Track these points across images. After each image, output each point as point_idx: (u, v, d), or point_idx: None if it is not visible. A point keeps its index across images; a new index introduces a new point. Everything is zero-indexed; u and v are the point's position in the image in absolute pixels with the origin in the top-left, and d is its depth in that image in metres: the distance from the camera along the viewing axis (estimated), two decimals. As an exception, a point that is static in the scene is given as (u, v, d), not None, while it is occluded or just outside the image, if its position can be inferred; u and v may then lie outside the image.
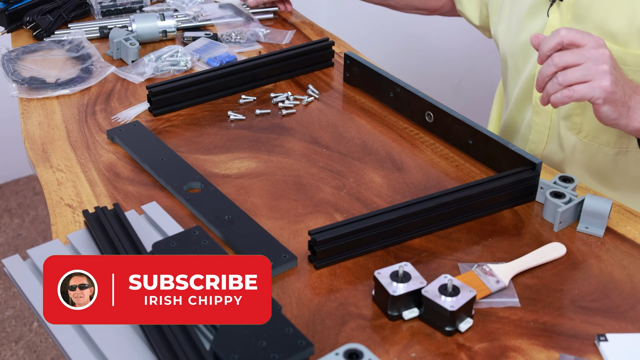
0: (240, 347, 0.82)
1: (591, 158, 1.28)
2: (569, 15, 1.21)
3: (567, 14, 1.21)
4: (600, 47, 0.99)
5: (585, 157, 1.28)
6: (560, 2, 1.21)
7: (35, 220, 2.56)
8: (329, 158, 1.21)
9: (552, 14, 1.23)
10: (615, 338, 0.88)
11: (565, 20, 1.22)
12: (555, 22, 1.23)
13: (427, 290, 0.90)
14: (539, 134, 1.32)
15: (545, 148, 1.32)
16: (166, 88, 1.31)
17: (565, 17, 1.22)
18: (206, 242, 0.97)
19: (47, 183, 1.15)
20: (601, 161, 1.27)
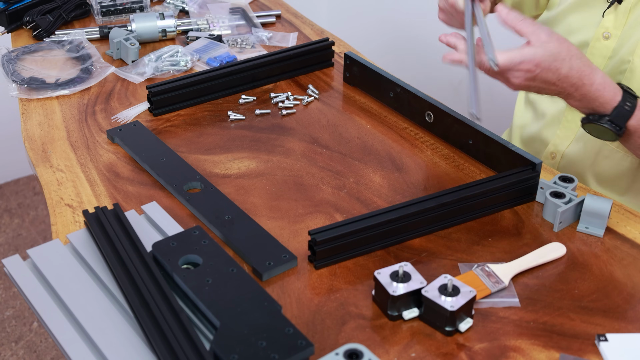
0: (240, 347, 0.82)
1: (616, 165, 1.26)
2: (624, 19, 1.21)
3: (623, 18, 1.21)
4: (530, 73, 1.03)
5: (609, 164, 1.27)
6: (618, 4, 1.21)
7: (35, 220, 2.56)
8: (329, 158, 1.21)
9: (607, 15, 1.22)
10: (615, 338, 0.88)
11: (619, 24, 1.21)
12: (610, 24, 1.22)
13: (427, 290, 0.90)
14: (568, 130, 1.31)
15: (569, 146, 1.31)
16: (166, 88, 1.31)
17: (620, 21, 1.21)
18: (206, 242, 0.97)
19: (47, 183, 1.15)
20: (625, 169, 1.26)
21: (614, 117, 1.06)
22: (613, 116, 1.06)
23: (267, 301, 0.88)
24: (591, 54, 1.23)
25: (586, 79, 1.05)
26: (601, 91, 1.06)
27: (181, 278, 0.91)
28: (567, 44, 1.05)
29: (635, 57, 1.18)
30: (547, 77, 1.03)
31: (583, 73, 1.05)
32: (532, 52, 1.02)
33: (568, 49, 1.04)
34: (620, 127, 1.06)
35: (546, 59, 1.02)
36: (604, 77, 1.06)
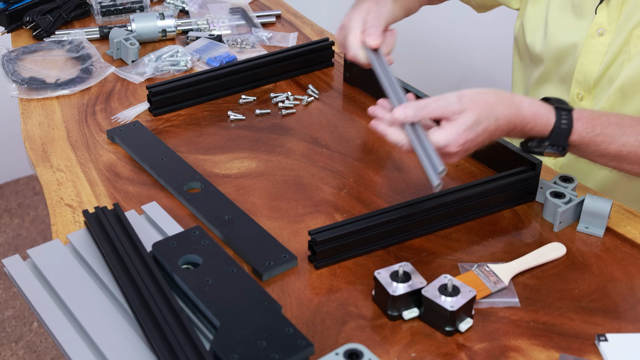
0: (240, 347, 0.82)
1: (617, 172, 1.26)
2: (617, 14, 1.20)
3: (616, 13, 1.20)
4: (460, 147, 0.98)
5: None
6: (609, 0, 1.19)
7: (35, 220, 2.56)
8: (329, 158, 1.21)
9: (600, 11, 1.22)
10: (615, 338, 0.88)
11: (613, 19, 1.21)
12: (603, 20, 1.22)
13: (427, 290, 0.90)
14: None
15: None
16: (166, 88, 1.31)
17: (614, 16, 1.20)
18: (206, 242, 0.97)
19: (47, 183, 1.15)
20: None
21: (553, 139, 1.02)
22: (552, 139, 1.02)
23: (267, 301, 0.88)
24: (586, 52, 1.23)
25: (515, 120, 1.00)
26: (533, 122, 1.01)
27: (181, 278, 0.91)
28: (482, 98, 0.99)
29: (631, 46, 1.18)
30: (479, 141, 0.99)
31: (510, 117, 0.99)
32: (454, 134, 0.97)
33: (485, 103, 0.98)
34: (563, 147, 1.02)
35: (468, 131, 0.97)
36: (531, 105, 1.01)
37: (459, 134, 0.97)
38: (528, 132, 1.02)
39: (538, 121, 1.01)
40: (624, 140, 1.02)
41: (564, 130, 1.01)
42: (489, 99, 0.99)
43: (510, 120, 1.00)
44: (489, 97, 0.99)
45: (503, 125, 1.00)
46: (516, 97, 1.01)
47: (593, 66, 1.23)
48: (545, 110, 1.02)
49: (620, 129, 1.03)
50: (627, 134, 1.03)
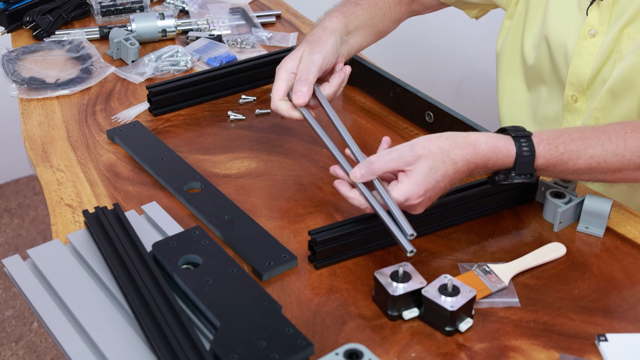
0: (240, 347, 0.82)
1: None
2: (608, 14, 1.20)
3: (607, 14, 1.20)
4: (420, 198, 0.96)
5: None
6: (600, 1, 1.19)
7: (35, 220, 2.56)
8: (329, 158, 1.21)
9: (591, 12, 1.22)
10: (615, 338, 0.88)
11: (604, 20, 1.20)
12: (595, 21, 1.22)
13: (427, 290, 0.90)
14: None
15: None
16: (166, 88, 1.31)
17: (605, 17, 1.20)
18: (206, 242, 0.97)
19: (47, 183, 1.15)
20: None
21: (518, 169, 0.99)
22: (517, 169, 0.99)
23: (267, 301, 0.88)
24: (579, 53, 1.23)
25: (474, 159, 0.97)
26: (494, 158, 0.98)
27: (181, 278, 0.91)
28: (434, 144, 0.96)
29: (622, 46, 1.18)
30: (440, 187, 0.96)
31: (468, 157, 0.97)
32: (412, 186, 0.95)
33: (439, 148, 0.96)
34: (531, 174, 0.99)
35: (426, 180, 0.94)
36: (488, 141, 0.98)
37: (417, 185, 0.94)
38: (491, 167, 0.99)
39: (499, 155, 0.98)
40: (590, 152, 1.00)
41: (527, 157, 0.99)
42: (442, 144, 0.96)
43: (470, 161, 0.97)
44: (442, 143, 0.96)
45: (462, 167, 0.97)
46: (471, 136, 0.98)
47: (586, 67, 1.23)
48: (503, 143, 0.99)
49: (584, 142, 1.01)
50: (592, 146, 1.00)
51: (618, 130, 1.02)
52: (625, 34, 1.17)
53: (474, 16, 1.50)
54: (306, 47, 1.14)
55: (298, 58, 1.13)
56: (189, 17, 1.67)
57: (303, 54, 1.13)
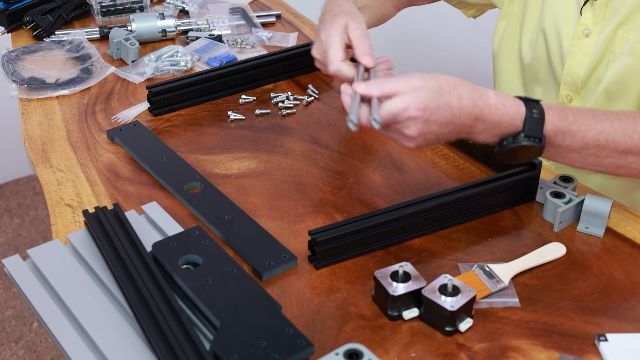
0: (240, 347, 0.82)
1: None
2: (602, 14, 1.20)
3: (601, 13, 1.20)
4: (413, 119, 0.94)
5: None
6: (594, 1, 1.19)
7: (35, 220, 2.56)
8: (329, 158, 1.21)
9: (585, 12, 1.22)
10: (615, 338, 0.88)
11: (598, 20, 1.21)
12: (589, 20, 1.22)
13: (427, 290, 0.90)
14: None
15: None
16: (166, 88, 1.31)
17: (599, 17, 1.20)
18: (206, 242, 0.97)
19: (47, 183, 1.15)
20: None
21: (528, 130, 0.96)
22: (527, 129, 0.96)
23: (267, 301, 0.88)
24: (573, 53, 1.23)
25: (481, 103, 0.95)
26: (502, 109, 0.95)
27: (181, 278, 0.91)
28: (444, 76, 0.96)
29: (616, 47, 1.18)
30: (441, 117, 0.94)
31: (475, 98, 0.94)
32: (414, 97, 0.92)
33: (447, 80, 0.95)
34: (540, 139, 0.96)
35: (431, 98, 0.92)
36: (498, 94, 0.96)
37: (419, 99, 0.92)
38: (496, 122, 0.96)
39: (507, 109, 0.96)
40: (599, 127, 0.98)
41: (536, 118, 0.96)
42: (451, 78, 0.95)
43: (475, 103, 0.94)
44: (451, 78, 0.95)
45: (467, 105, 0.94)
46: (480, 86, 0.97)
47: (580, 67, 1.23)
48: (513, 100, 0.97)
49: (593, 117, 0.99)
50: (601, 122, 0.99)
51: (627, 114, 1.01)
52: (619, 35, 1.17)
53: (471, 15, 1.50)
54: (346, 17, 1.11)
55: (341, 26, 1.10)
56: (189, 17, 1.67)
57: (348, 23, 1.10)
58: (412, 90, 0.93)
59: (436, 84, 0.93)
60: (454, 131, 0.96)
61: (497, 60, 1.41)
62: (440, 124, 0.94)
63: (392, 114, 0.93)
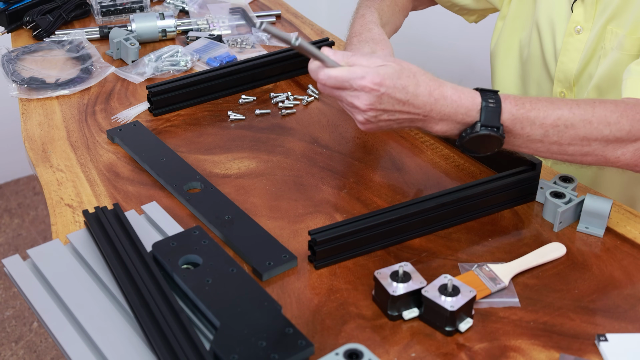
0: (240, 347, 0.82)
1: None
2: (593, 11, 1.20)
3: (592, 10, 1.20)
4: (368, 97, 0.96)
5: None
6: None
7: (35, 220, 2.56)
8: (329, 158, 1.21)
9: (577, 9, 1.22)
10: (615, 338, 0.88)
11: (589, 16, 1.21)
12: (580, 17, 1.22)
13: (427, 290, 0.90)
14: None
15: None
16: (166, 88, 1.31)
17: (590, 13, 1.21)
18: (206, 242, 0.97)
19: (47, 183, 1.15)
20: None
21: (484, 119, 0.97)
22: (484, 119, 0.97)
23: (267, 301, 0.88)
24: (565, 50, 1.24)
25: (437, 93, 0.96)
26: (457, 101, 0.97)
27: (181, 278, 0.91)
28: (407, 63, 0.98)
29: (606, 42, 1.18)
30: (395, 97, 0.95)
31: (432, 88, 0.96)
32: (373, 70, 0.94)
33: (409, 66, 0.97)
34: (497, 127, 0.97)
35: (389, 76, 0.94)
36: (455, 86, 0.98)
37: (378, 73, 0.94)
38: (452, 113, 0.97)
39: (463, 99, 0.97)
40: (557, 113, 0.99)
41: (492, 107, 0.97)
42: (413, 66, 0.98)
43: (431, 93, 0.96)
44: (414, 66, 0.98)
45: (424, 94, 0.96)
46: (439, 79, 0.99)
47: (572, 64, 1.24)
48: (469, 91, 0.99)
49: (551, 104, 1.00)
50: (559, 108, 0.99)
51: (587, 100, 1.01)
52: (609, 30, 1.18)
53: (473, 21, 1.51)
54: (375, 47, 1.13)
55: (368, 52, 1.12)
56: (189, 17, 1.67)
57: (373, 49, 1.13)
58: (374, 66, 0.96)
59: (398, 66, 0.96)
60: (407, 118, 0.98)
61: (494, 60, 1.41)
62: (393, 104, 0.96)
63: (348, 77, 0.94)
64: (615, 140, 1.00)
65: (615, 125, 0.99)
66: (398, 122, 0.99)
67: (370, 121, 0.98)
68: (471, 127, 0.99)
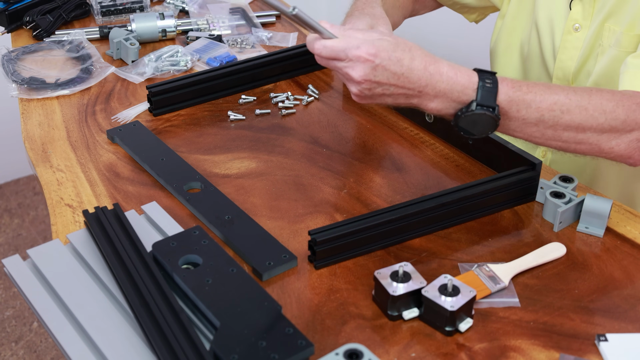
0: (240, 347, 0.82)
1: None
2: (591, 9, 1.21)
3: (590, 8, 1.21)
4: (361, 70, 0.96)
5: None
6: None
7: (35, 220, 2.56)
8: (329, 158, 1.21)
9: (575, 7, 1.23)
10: (615, 338, 0.88)
11: (587, 14, 1.21)
12: (578, 15, 1.22)
13: (427, 290, 0.90)
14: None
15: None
16: (166, 88, 1.31)
17: (588, 11, 1.21)
18: (206, 242, 0.97)
19: (47, 183, 1.15)
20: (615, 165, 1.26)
21: (480, 99, 0.97)
22: (480, 98, 0.97)
23: (267, 301, 0.88)
24: (564, 47, 1.24)
25: (432, 69, 0.96)
26: (454, 77, 0.97)
27: (181, 278, 0.91)
28: (404, 39, 0.98)
29: (604, 40, 1.18)
30: (390, 70, 0.95)
31: (427, 62, 0.96)
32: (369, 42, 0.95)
33: (405, 42, 0.97)
34: (493, 108, 0.97)
35: (385, 48, 0.95)
36: (451, 64, 0.98)
37: (374, 44, 0.95)
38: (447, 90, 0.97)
39: (459, 77, 0.97)
40: (554, 98, 0.99)
41: (489, 88, 0.97)
42: (410, 42, 0.98)
43: (427, 68, 0.96)
44: (411, 42, 0.98)
45: (419, 68, 0.96)
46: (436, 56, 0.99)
47: (570, 62, 1.24)
48: (466, 70, 0.99)
49: (548, 89, 1.00)
50: (556, 93, 0.99)
51: (584, 88, 1.02)
52: (606, 28, 1.18)
53: (474, 20, 1.51)
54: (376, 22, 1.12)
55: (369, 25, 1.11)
56: (189, 17, 1.67)
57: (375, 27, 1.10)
58: (370, 39, 0.96)
59: (394, 40, 0.97)
60: (402, 93, 0.98)
61: (493, 58, 1.42)
62: (388, 77, 0.96)
63: (344, 47, 0.95)
64: (610, 130, 1.00)
65: (610, 113, 0.99)
66: (393, 97, 0.99)
67: (364, 94, 0.99)
68: (467, 106, 0.99)
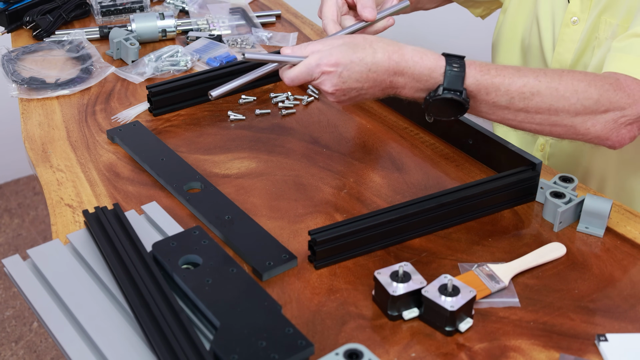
0: (240, 347, 0.82)
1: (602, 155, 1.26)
2: (589, 2, 1.21)
3: (588, 1, 1.21)
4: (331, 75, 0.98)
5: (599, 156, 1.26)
6: None
7: (35, 220, 2.56)
8: (329, 158, 1.21)
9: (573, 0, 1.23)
10: (615, 338, 0.88)
11: (585, 7, 1.21)
12: (576, 8, 1.22)
13: (427, 290, 0.90)
14: None
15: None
16: (166, 88, 1.31)
17: (586, 4, 1.21)
18: (206, 242, 0.97)
19: (47, 183, 1.15)
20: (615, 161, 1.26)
21: (447, 83, 0.98)
22: (447, 82, 0.98)
23: (267, 301, 0.88)
24: (562, 40, 1.25)
25: (396, 56, 0.97)
26: (419, 62, 0.98)
27: (181, 278, 0.91)
28: (364, 35, 0.99)
29: (600, 32, 1.19)
30: (356, 72, 0.96)
31: (390, 52, 0.97)
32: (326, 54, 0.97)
33: (365, 38, 0.98)
34: (460, 92, 0.97)
35: (344, 54, 0.96)
36: (416, 48, 0.99)
37: (332, 54, 0.96)
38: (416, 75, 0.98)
39: (425, 61, 0.98)
40: (523, 80, 0.99)
41: (456, 72, 0.97)
42: (370, 37, 0.99)
43: (391, 57, 0.97)
44: (371, 36, 0.99)
45: (383, 60, 0.96)
46: (400, 42, 1.00)
47: (568, 54, 1.25)
48: (432, 54, 0.99)
49: (517, 72, 1.00)
50: (525, 75, 0.99)
51: (554, 70, 1.02)
52: (603, 20, 1.19)
53: (479, 15, 1.50)
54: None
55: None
56: (189, 17, 1.67)
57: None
58: (328, 48, 0.98)
59: (352, 41, 0.98)
60: (375, 87, 0.99)
61: (495, 52, 1.43)
62: (357, 79, 0.97)
63: (306, 70, 0.97)
64: (584, 110, 1.00)
65: (582, 93, 0.99)
66: (370, 94, 1.01)
67: (341, 99, 1.01)
68: (434, 90, 1.00)
